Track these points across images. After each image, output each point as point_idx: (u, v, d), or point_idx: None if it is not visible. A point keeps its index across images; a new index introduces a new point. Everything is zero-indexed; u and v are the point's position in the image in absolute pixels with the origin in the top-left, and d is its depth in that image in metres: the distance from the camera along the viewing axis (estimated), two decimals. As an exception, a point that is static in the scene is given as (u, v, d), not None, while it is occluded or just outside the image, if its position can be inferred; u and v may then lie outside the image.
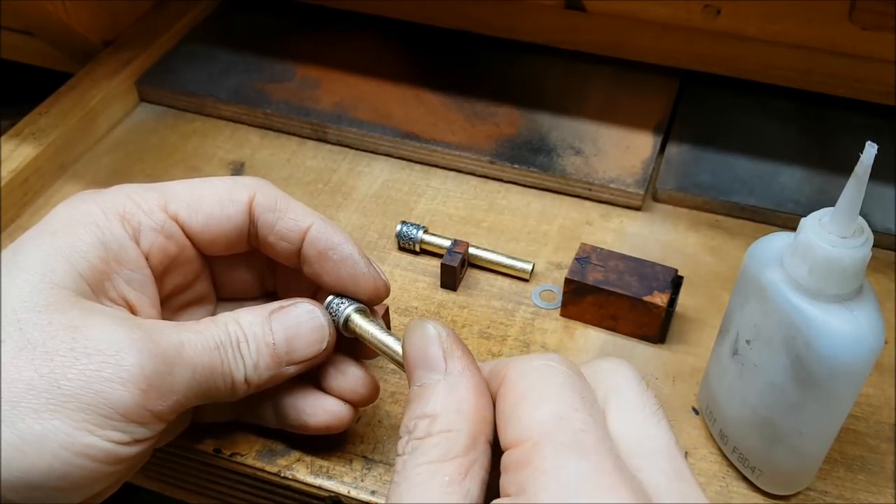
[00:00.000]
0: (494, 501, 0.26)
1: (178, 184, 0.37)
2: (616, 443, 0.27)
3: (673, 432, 0.28)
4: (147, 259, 0.35)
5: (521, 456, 0.26)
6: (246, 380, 0.34)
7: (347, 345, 0.38)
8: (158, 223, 0.35)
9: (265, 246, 0.37)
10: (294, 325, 0.35)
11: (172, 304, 0.38)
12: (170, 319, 0.37)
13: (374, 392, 0.38)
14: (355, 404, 0.38)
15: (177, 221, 0.36)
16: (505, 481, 0.27)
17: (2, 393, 0.29)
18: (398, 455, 0.28)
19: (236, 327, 0.35)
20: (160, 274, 0.36)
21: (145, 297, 0.35)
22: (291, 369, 0.36)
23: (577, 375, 0.29)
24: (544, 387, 0.28)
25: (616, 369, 0.30)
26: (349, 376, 0.37)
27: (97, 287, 0.33)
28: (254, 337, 0.35)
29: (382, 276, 0.37)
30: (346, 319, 0.36)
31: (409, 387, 0.30)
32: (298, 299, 0.36)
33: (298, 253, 0.37)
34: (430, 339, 0.30)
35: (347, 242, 0.37)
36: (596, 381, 0.30)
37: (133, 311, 0.35)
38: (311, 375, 0.38)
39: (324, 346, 0.36)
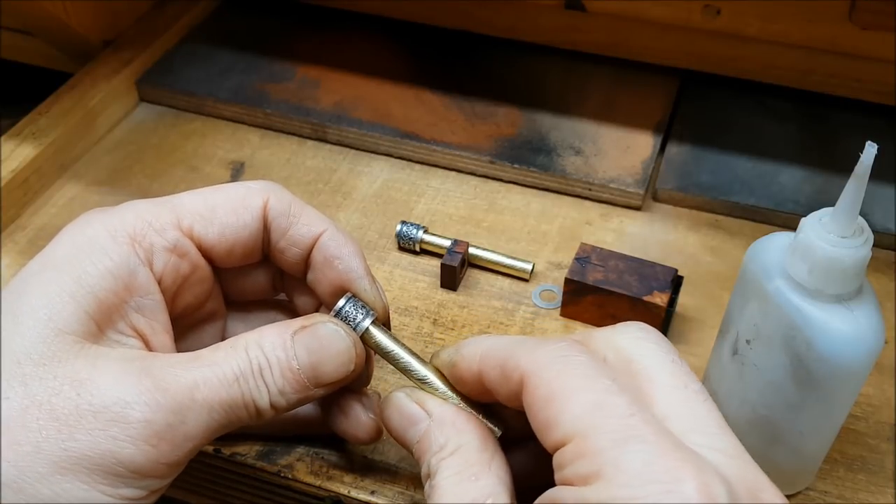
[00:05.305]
0: (558, 487, 0.26)
1: (189, 195, 0.36)
2: (667, 427, 0.27)
3: (717, 408, 0.28)
4: (159, 282, 0.34)
5: (576, 450, 0.26)
6: (272, 405, 0.33)
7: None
8: (171, 242, 0.34)
9: (274, 252, 0.36)
10: (317, 348, 0.33)
11: (182, 324, 0.37)
12: (179, 340, 0.36)
13: (375, 435, 0.37)
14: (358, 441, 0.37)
15: (191, 237, 0.35)
16: (564, 475, 0.26)
17: (9, 456, 0.28)
18: (425, 489, 0.31)
19: (258, 352, 0.32)
20: (171, 296, 0.35)
21: (157, 322, 0.34)
22: (320, 391, 0.34)
23: (593, 358, 0.28)
24: (569, 380, 0.27)
25: (644, 348, 0.30)
26: (350, 418, 0.36)
27: (105, 322, 0.32)
28: (277, 362, 0.33)
29: (383, 297, 0.36)
30: (364, 333, 0.35)
31: (410, 449, 0.33)
32: (320, 317, 0.35)
33: (306, 260, 0.36)
34: (403, 402, 0.33)
35: (356, 256, 0.36)
36: (622, 359, 0.30)
37: (144, 339, 0.33)
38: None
39: (351, 367, 0.34)
